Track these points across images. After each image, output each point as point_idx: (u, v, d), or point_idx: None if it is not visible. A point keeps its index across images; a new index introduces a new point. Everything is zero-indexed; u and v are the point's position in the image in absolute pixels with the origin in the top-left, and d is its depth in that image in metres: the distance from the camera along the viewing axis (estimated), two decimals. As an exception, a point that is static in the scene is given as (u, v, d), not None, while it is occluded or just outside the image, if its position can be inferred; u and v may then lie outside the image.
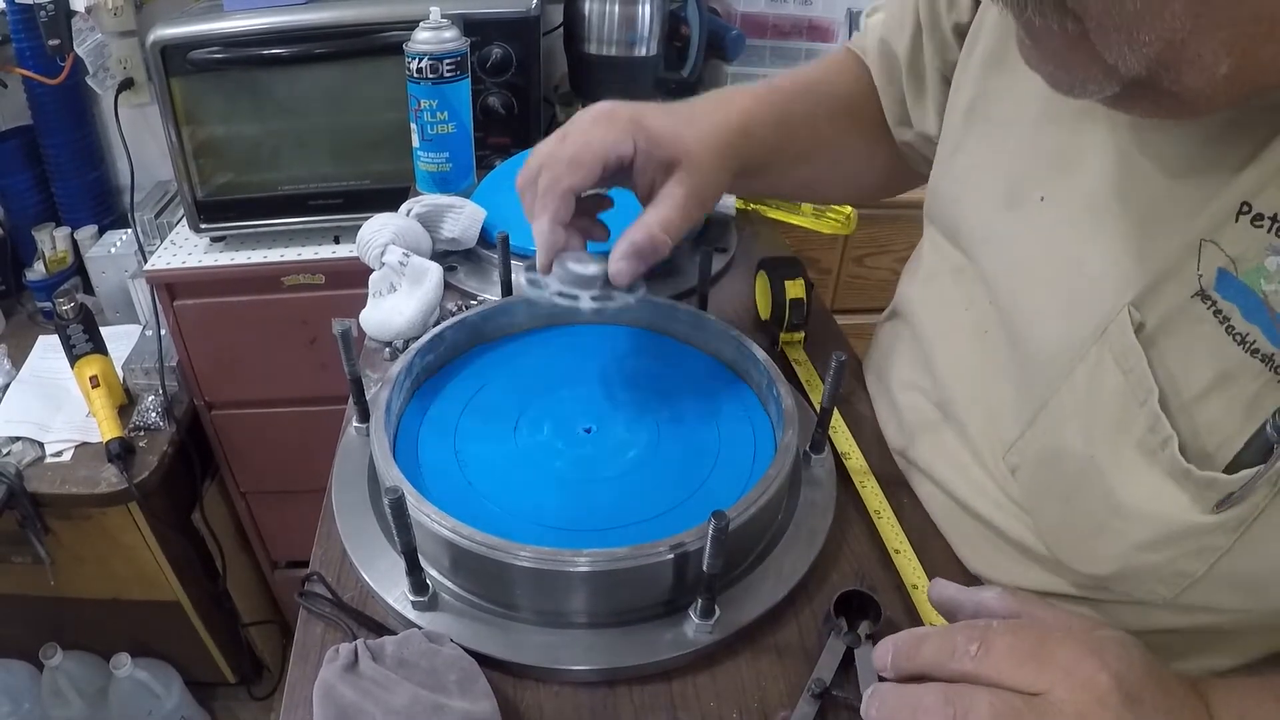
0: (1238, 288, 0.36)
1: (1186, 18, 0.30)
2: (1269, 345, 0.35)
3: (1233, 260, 0.36)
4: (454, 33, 0.80)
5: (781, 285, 0.64)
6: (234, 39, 1.04)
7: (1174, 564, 0.40)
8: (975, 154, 0.54)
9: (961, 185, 0.55)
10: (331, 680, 0.40)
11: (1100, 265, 0.43)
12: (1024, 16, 0.34)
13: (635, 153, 0.52)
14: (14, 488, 1.11)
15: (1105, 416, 0.42)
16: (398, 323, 0.65)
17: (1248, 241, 0.36)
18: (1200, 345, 0.38)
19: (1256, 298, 0.36)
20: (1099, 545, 0.43)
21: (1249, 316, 0.36)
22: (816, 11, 1.39)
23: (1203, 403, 0.38)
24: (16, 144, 1.38)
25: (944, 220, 0.58)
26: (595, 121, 0.52)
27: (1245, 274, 0.36)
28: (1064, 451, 0.45)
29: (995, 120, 0.52)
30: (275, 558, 1.61)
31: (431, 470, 0.51)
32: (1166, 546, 0.40)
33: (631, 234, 0.51)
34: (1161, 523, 0.40)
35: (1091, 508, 0.43)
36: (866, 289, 1.47)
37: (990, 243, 0.52)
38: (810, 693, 0.41)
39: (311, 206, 1.20)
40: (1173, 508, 0.39)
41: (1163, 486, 0.40)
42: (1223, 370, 0.37)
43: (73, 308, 1.16)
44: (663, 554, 0.42)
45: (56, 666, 1.31)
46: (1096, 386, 0.43)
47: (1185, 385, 0.39)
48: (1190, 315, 0.38)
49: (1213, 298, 0.37)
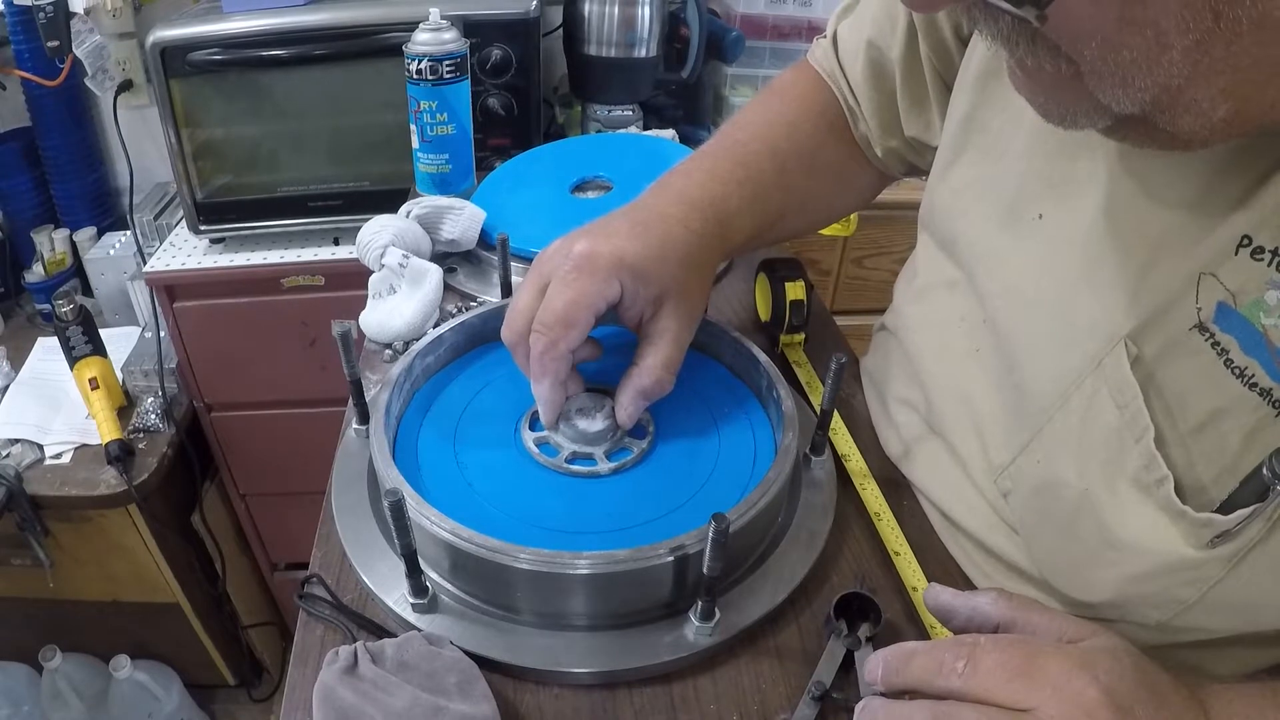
0: (1237, 321, 0.36)
1: (1184, 65, 0.29)
2: (1268, 379, 0.35)
3: (1232, 294, 0.36)
4: (454, 34, 0.80)
5: (782, 287, 0.64)
6: (233, 40, 1.04)
7: (1167, 592, 0.40)
8: (973, 166, 0.54)
9: (959, 197, 0.55)
10: (331, 682, 0.40)
11: (1097, 295, 0.42)
12: (1016, 54, 0.33)
13: (622, 293, 0.50)
14: (13, 490, 1.11)
15: (1100, 450, 0.42)
16: (397, 324, 0.65)
17: (1248, 274, 0.35)
18: (1198, 378, 0.38)
19: (1256, 331, 0.35)
20: (1092, 575, 0.43)
21: (1248, 350, 0.36)
22: (816, 13, 1.39)
23: (1198, 436, 0.38)
24: (15, 146, 1.38)
25: (940, 231, 0.57)
26: (577, 272, 0.49)
27: (1245, 307, 0.35)
28: (1057, 482, 0.45)
29: (993, 131, 0.51)
30: (275, 560, 1.60)
31: (431, 472, 0.51)
32: (1160, 577, 0.40)
33: (637, 380, 0.51)
34: (1156, 556, 0.40)
35: (1085, 538, 0.43)
36: (866, 290, 1.47)
37: (987, 259, 0.51)
38: (810, 695, 0.41)
39: (311, 208, 1.20)
40: (1167, 543, 0.39)
41: (1157, 521, 0.40)
42: (1220, 404, 0.37)
43: (72, 310, 1.16)
44: (663, 556, 0.42)
45: (56, 669, 1.31)
46: (1091, 420, 0.42)
47: (1181, 418, 0.39)
48: (1188, 348, 0.38)
49: (1211, 330, 0.37)
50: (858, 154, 0.67)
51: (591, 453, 0.52)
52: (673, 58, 1.32)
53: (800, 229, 0.69)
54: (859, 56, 0.63)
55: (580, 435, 0.52)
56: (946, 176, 0.56)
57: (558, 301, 0.48)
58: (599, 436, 0.52)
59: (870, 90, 0.64)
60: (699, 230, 0.54)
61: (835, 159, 0.67)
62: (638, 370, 0.51)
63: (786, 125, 0.65)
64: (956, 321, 0.54)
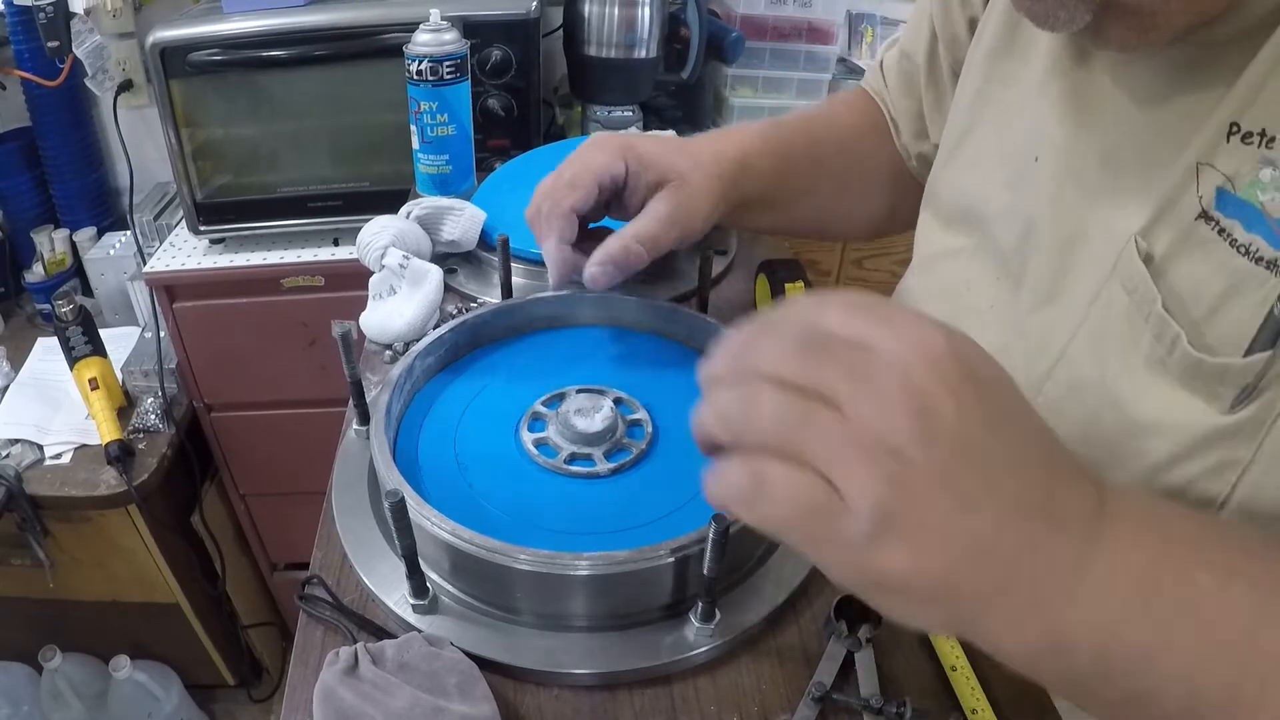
0: (1236, 203, 0.37)
1: None
2: (1271, 250, 0.36)
3: (1229, 179, 0.38)
4: (454, 35, 0.80)
5: (782, 288, 0.65)
6: (233, 41, 1.04)
7: (1195, 487, 0.40)
8: (985, 137, 0.55)
9: (971, 167, 0.56)
10: (331, 683, 0.40)
11: (1106, 208, 0.44)
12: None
13: (626, 173, 0.55)
14: (13, 490, 1.11)
15: (1114, 341, 0.43)
16: (398, 325, 0.65)
17: (1240, 159, 0.37)
18: (1207, 265, 0.39)
19: (1255, 209, 0.37)
20: (1119, 475, 0.43)
21: (1250, 228, 0.37)
22: (816, 14, 1.39)
23: (1212, 320, 0.39)
24: (15, 146, 1.38)
25: (947, 207, 0.59)
26: (589, 147, 0.56)
27: (1243, 190, 0.37)
28: (1079, 385, 0.45)
29: (1003, 104, 0.54)
30: (275, 560, 1.60)
31: (432, 473, 0.51)
32: (1186, 462, 0.40)
33: (608, 244, 0.54)
34: (1179, 433, 0.40)
35: (1107, 436, 0.43)
36: (866, 291, 1.47)
37: (1002, 217, 0.52)
38: (811, 696, 0.41)
39: (311, 209, 1.20)
40: (1188, 414, 0.39)
41: (1175, 395, 0.40)
42: (1230, 284, 0.38)
43: (72, 310, 1.16)
44: (663, 557, 0.42)
45: (55, 669, 1.31)
46: (1106, 315, 0.44)
47: (1195, 306, 0.39)
48: (1196, 238, 0.39)
49: (1215, 217, 0.38)
50: (898, 161, 0.70)
51: (590, 453, 0.52)
52: (673, 58, 1.32)
53: (830, 219, 0.70)
54: (895, 68, 0.68)
55: (578, 436, 0.52)
56: (956, 155, 0.58)
57: (566, 170, 0.56)
58: (597, 437, 0.52)
59: (902, 98, 0.68)
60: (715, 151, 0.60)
61: (872, 154, 0.70)
62: (612, 237, 0.54)
63: (827, 117, 0.71)
64: (964, 288, 0.55)
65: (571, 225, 0.55)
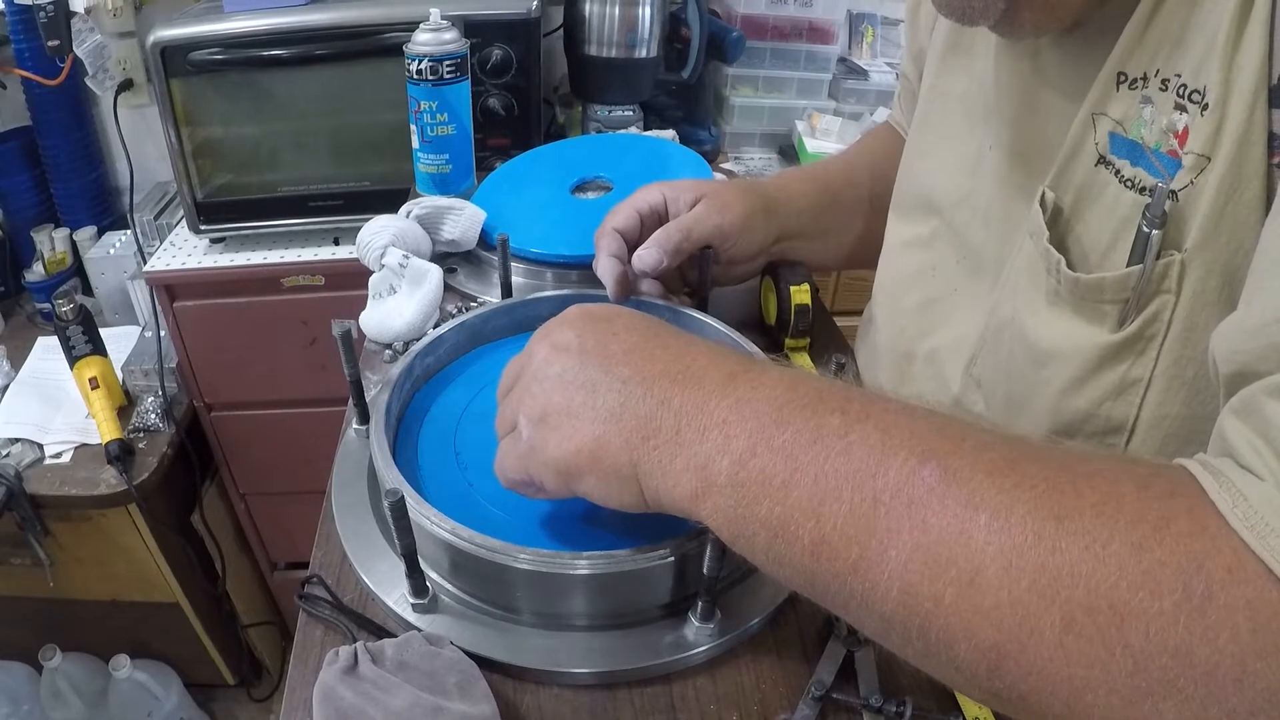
0: (1125, 144, 0.42)
1: None
2: (1151, 179, 0.40)
3: (1119, 123, 0.42)
4: (454, 34, 0.80)
5: (787, 291, 0.64)
6: (234, 40, 1.04)
7: (1101, 410, 0.43)
8: (940, 127, 0.60)
9: (931, 156, 0.61)
10: (331, 682, 0.40)
11: (1027, 171, 0.49)
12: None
13: (664, 200, 0.63)
14: (13, 489, 1.11)
15: (1026, 282, 0.47)
16: (397, 325, 0.65)
17: (1128, 103, 0.41)
18: (1105, 206, 0.43)
19: (1138, 145, 0.41)
20: (1033, 404, 0.47)
21: (1135, 163, 0.41)
22: (817, 13, 1.39)
23: (1109, 255, 0.43)
24: (15, 145, 1.38)
25: (908, 198, 0.64)
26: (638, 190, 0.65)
27: (1131, 130, 0.41)
28: (1000, 328, 0.50)
29: (954, 95, 0.58)
30: (274, 559, 1.61)
31: (431, 472, 0.51)
32: (1086, 385, 0.43)
33: (654, 233, 0.61)
34: (1076, 355, 0.44)
35: (1021, 369, 0.47)
36: (865, 291, 1.46)
37: (962, 204, 0.57)
38: (810, 695, 0.41)
39: (311, 208, 1.20)
40: (1082, 337, 0.43)
41: (1071, 323, 0.44)
42: (1123, 217, 0.42)
43: (72, 309, 1.16)
44: (663, 557, 0.42)
45: (56, 668, 1.31)
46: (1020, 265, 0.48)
47: (1094, 249, 0.43)
48: (1097, 182, 0.43)
49: (1110, 160, 0.43)
50: None
51: None
52: (673, 58, 1.32)
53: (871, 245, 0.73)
54: (900, 94, 0.74)
55: None
56: (917, 143, 0.63)
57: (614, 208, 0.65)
58: None
59: (904, 117, 0.73)
60: (750, 182, 0.68)
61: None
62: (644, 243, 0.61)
63: (859, 147, 0.80)
64: (929, 273, 0.60)
65: (618, 242, 0.62)
